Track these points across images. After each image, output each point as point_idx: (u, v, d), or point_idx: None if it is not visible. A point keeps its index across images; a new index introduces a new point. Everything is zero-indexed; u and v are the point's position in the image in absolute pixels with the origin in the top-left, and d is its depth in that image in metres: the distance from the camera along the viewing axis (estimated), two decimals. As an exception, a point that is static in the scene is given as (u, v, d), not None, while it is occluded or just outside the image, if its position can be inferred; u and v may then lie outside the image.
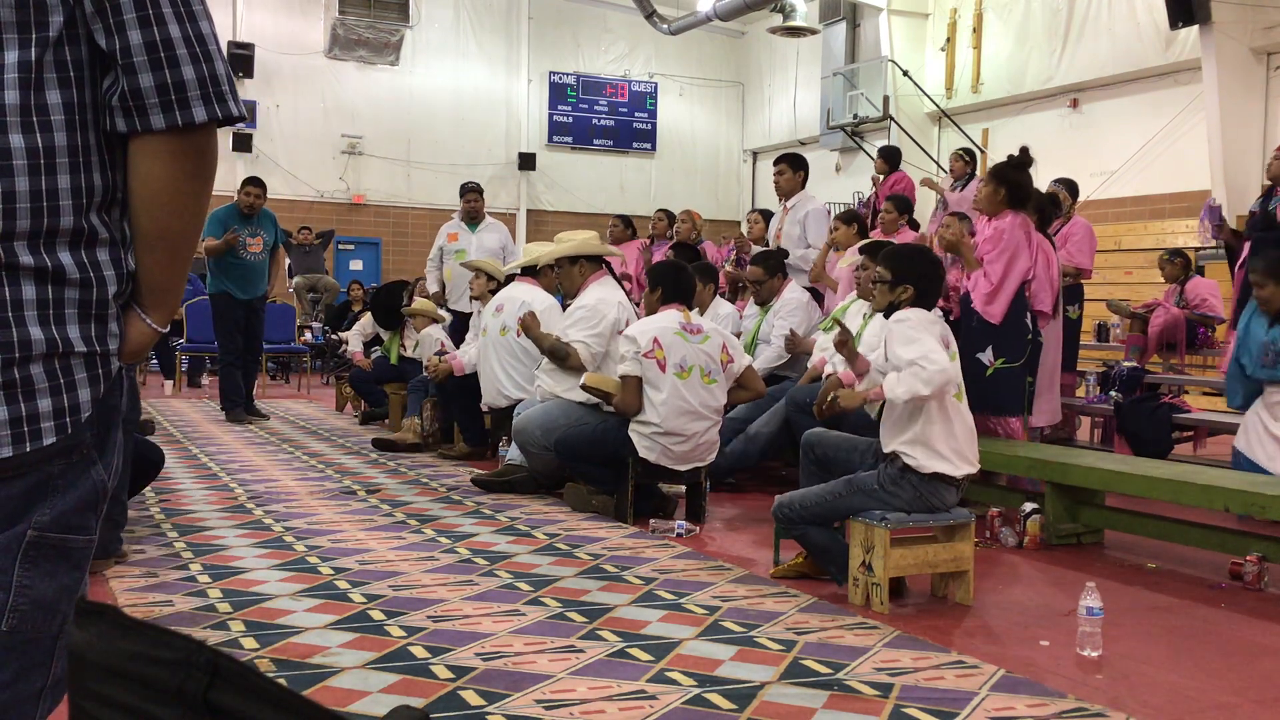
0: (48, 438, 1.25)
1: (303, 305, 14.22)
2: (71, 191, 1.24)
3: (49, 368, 1.25)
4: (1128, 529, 4.96)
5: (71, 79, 1.24)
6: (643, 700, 2.82)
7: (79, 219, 1.25)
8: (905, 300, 3.92)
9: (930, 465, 3.77)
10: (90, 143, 1.26)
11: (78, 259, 1.26)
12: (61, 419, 1.26)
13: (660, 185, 19.80)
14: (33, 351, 1.23)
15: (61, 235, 1.24)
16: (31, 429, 1.24)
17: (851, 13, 17.16)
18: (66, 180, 1.24)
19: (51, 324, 1.24)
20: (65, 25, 1.22)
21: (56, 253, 1.24)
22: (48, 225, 1.23)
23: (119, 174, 1.30)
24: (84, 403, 1.28)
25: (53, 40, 1.22)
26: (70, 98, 1.24)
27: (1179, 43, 12.46)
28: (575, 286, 6.02)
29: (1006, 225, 5.59)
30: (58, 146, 1.23)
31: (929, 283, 3.94)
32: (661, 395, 5.08)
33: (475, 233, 8.93)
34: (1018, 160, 5.75)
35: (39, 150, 1.22)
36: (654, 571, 4.20)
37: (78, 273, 1.25)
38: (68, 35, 1.23)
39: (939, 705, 2.84)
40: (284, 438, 7.94)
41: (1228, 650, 3.47)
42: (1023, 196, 5.65)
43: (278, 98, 17.34)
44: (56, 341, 1.24)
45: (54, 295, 1.24)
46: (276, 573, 4.06)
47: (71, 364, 1.27)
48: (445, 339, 8.44)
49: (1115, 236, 12.56)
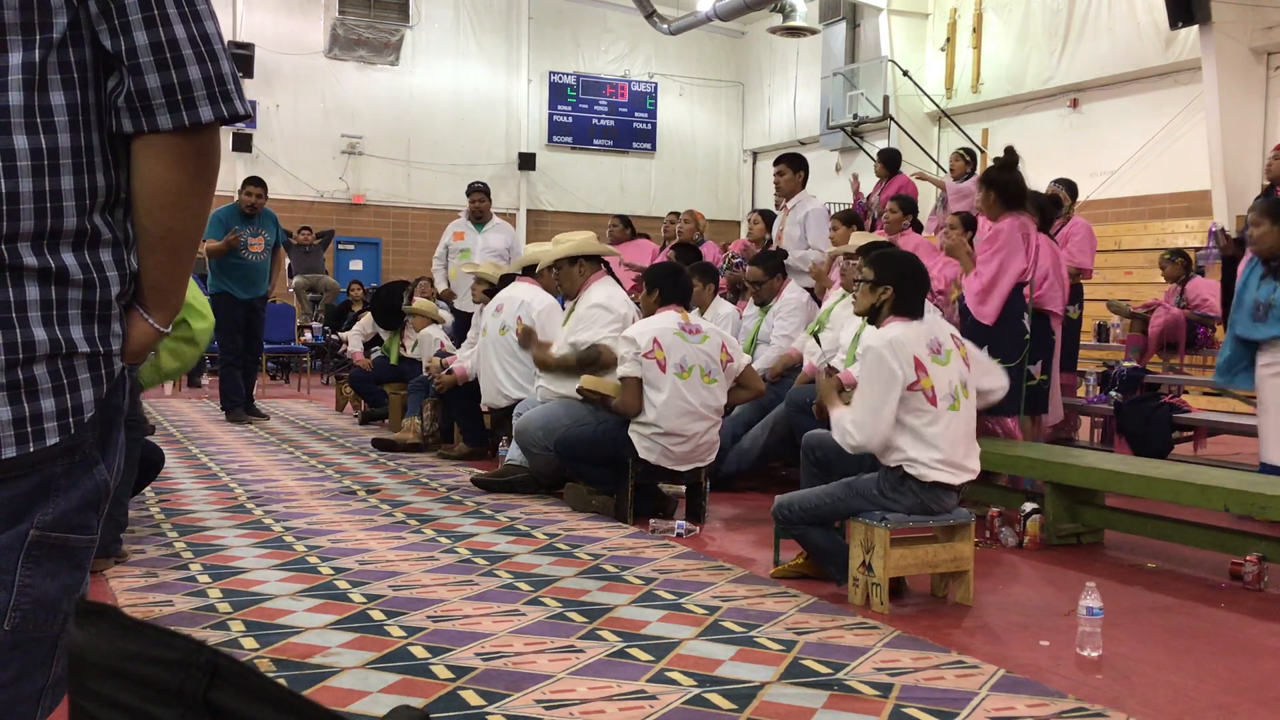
0: (51, 438, 1.25)
1: (303, 305, 14.23)
2: (75, 193, 1.25)
3: (52, 368, 1.25)
4: (1128, 529, 4.96)
5: (75, 80, 1.24)
6: (643, 700, 2.82)
7: (82, 220, 1.26)
8: (885, 301, 3.90)
9: (930, 475, 3.77)
10: (93, 144, 1.26)
11: (81, 260, 1.26)
12: (65, 419, 1.26)
13: (660, 185, 19.80)
14: (36, 352, 1.23)
15: (65, 236, 1.24)
16: (35, 429, 1.24)
17: (851, 13, 17.16)
18: (70, 181, 1.24)
19: (55, 325, 1.24)
20: (69, 27, 1.22)
21: (60, 253, 1.24)
22: (51, 226, 1.23)
23: (122, 174, 1.31)
24: (87, 403, 1.28)
25: (56, 42, 1.22)
26: (74, 99, 1.24)
27: (1179, 43, 12.46)
28: (576, 287, 6.01)
29: (1004, 226, 5.60)
30: (61, 148, 1.23)
31: (908, 285, 3.89)
32: (662, 396, 5.08)
33: (481, 232, 8.92)
34: (1004, 161, 5.76)
35: (43, 151, 1.22)
36: (654, 571, 4.20)
37: (81, 273, 1.26)
38: (71, 37, 1.23)
39: (939, 705, 2.83)
40: (284, 438, 7.94)
41: (1228, 650, 3.47)
42: (1016, 194, 5.64)
43: (278, 98, 17.33)
44: (60, 342, 1.24)
45: (57, 296, 1.24)
46: (276, 573, 4.06)
47: (75, 364, 1.27)
48: (445, 339, 8.45)
49: (1115, 236, 12.56)
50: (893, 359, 3.71)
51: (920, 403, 3.73)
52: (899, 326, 3.83)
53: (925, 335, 3.83)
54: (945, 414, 3.76)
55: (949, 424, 3.76)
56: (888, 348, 3.73)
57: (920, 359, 3.75)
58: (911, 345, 3.76)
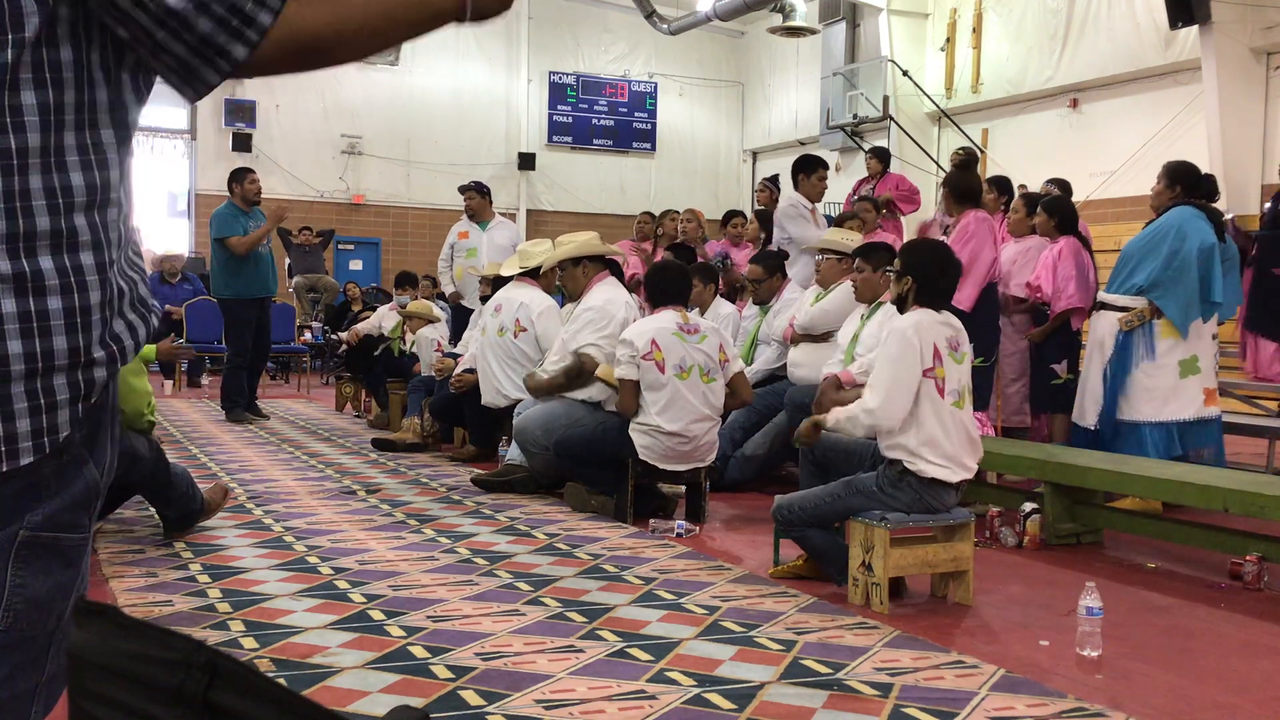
0: (25, 458, 1.24)
1: (303, 305, 14.24)
2: (45, 191, 1.22)
3: (29, 387, 1.23)
4: (1127, 529, 4.96)
5: (48, 80, 1.22)
6: (643, 700, 2.82)
7: (57, 220, 1.23)
8: (908, 292, 3.96)
9: (928, 471, 3.78)
10: (67, 143, 1.24)
11: (59, 264, 1.23)
12: (39, 439, 1.24)
13: (660, 185, 19.79)
14: (10, 367, 1.21)
15: (40, 238, 1.22)
16: (9, 449, 1.23)
17: (851, 13, 17.16)
18: (39, 180, 1.22)
19: (35, 337, 1.22)
20: (44, 26, 1.21)
21: (36, 258, 1.22)
22: (24, 227, 1.21)
23: (112, 174, 1.29)
24: (63, 423, 1.26)
25: (29, 41, 1.20)
26: (46, 99, 1.22)
27: (1179, 43, 12.45)
28: (579, 288, 6.00)
29: (969, 220, 5.90)
30: (31, 147, 1.21)
31: (928, 275, 3.95)
32: (662, 397, 5.08)
33: (486, 230, 8.89)
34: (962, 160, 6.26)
35: (11, 151, 1.20)
36: (654, 571, 4.20)
37: (58, 278, 1.23)
38: (46, 37, 1.21)
39: (939, 705, 2.84)
40: (284, 438, 7.94)
41: (1228, 650, 3.47)
42: (968, 191, 6.10)
43: (278, 98, 17.33)
44: (36, 355, 1.22)
45: (35, 306, 1.21)
46: (276, 573, 4.06)
47: (54, 382, 1.24)
48: (442, 339, 8.46)
49: (1115, 236, 12.54)
50: (916, 338, 3.79)
51: (930, 390, 3.77)
52: (922, 314, 3.89)
53: (947, 330, 3.90)
54: (949, 409, 3.80)
55: (952, 419, 3.81)
56: (912, 329, 3.81)
57: (939, 348, 3.82)
58: (932, 333, 3.83)
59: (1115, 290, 5.60)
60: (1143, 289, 5.46)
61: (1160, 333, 5.44)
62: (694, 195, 18.82)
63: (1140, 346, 5.46)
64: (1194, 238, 5.40)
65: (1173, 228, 5.47)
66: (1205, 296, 5.43)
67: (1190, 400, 5.44)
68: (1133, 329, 5.47)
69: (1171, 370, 5.44)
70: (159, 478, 4.44)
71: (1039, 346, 6.14)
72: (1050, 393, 6.08)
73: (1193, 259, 5.37)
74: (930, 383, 3.78)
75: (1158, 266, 5.42)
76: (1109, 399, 5.53)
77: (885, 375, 3.80)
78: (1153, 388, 5.44)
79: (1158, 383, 5.43)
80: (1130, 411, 5.48)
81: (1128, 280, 5.54)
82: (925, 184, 11.06)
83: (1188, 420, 5.43)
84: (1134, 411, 5.47)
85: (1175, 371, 5.43)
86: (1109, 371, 5.53)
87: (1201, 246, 5.39)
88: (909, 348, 3.78)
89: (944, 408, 3.79)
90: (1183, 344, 5.43)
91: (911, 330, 3.81)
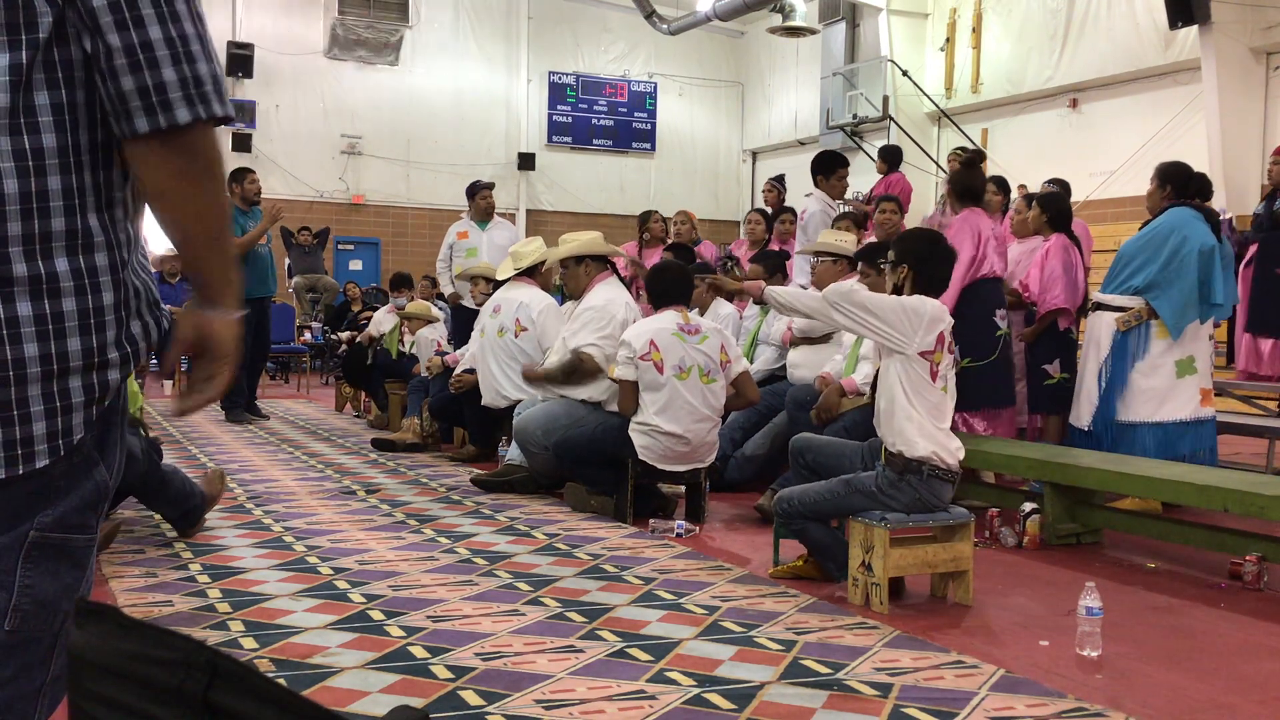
0: (40, 460, 1.24)
1: (302, 305, 14.24)
2: (63, 192, 1.23)
3: (46, 389, 1.23)
4: (1127, 529, 4.96)
5: (61, 80, 1.22)
6: (642, 700, 2.82)
7: (72, 220, 1.23)
8: (904, 281, 3.99)
9: (917, 447, 3.77)
10: (81, 142, 1.24)
11: (74, 265, 1.24)
12: (55, 441, 1.25)
13: (660, 185, 19.80)
14: (28, 370, 1.21)
15: (55, 239, 1.22)
16: (25, 452, 1.23)
17: (851, 13, 17.16)
18: (57, 181, 1.22)
19: (50, 339, 1.22)
20: (55, 26, 1.21)
21: (52, 259, 1.22)
22: (40, 228, 1.21)
23: (117, 173, 1.29)
24: (77, 425, 1.26)
25: (43, 42, 1.21)
26: (60, 98, 1.22)
27: (1178, 43, 12.46)
28: (581, 287, 5.98)
29: (954, 221, 5.89)
30: (47, 148, 1.22)
31: (923, 263, 3.97)
32: (661, 397, 5.08)
33: (485, 230, 8.90)
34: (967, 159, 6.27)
35: (27, 152, 1.20)
36: (654, 571, 4.20)
37: (73, 280, 1.24)
38: (58, 36, 1.22)
39: (939, 705, 2.84)
40: (284, 438, 7.94)
41: (1228, 650, 3.47)
42: (969, 191, 6.04)
43: (277, 98, 17.33)
44: (52, 357, 1.22)
45: (51, 309, 1.22)
46: (276, 573, 4.06)
47: (69, 385, 1.25)
48: (441, 339, 8.45)
49: (1114, 236, 12.54)
50: (928, 315, 3.80)
51: (924, 371, 3.80)
52: (926, 300, 3.90)
53: (936, 323, 3.89)
54: (939, 392, 3.85)
55: (941, 403, 3.85)
56: (936, 308, 3.84)
57: (945, 336, 3.86)
58: (943, 323, 3.86)
59: (1112, 290, 5.59)
60: (1139, 290, 5.46)
61: (1157, 333, 5.44)
62: (694, 195, 18.84)
63: (1137, 347, 5.46)
64: (1194, 240, 5.40)
65: (1172, 229, 5.47)
66: (1206, 298, 5.42)
67: (1187, 401, 5.43)
68: (1129, 329, 5.46)
69: (1168, 370, 5.43)
70: (153, 478, 4.44)
71: (1031, 347, 6.13)
72: (1045, 393, 6.06)
73: (1193, 261, 5.37)
74: (926, 365, 3.80)
75: (1155, 268, 5.41)
76: (1105, 399, 5.52)
77: (880, 300, 3.84)
78: (1149, 388, 5.43)
79: (1154, 383, 5.43)
80: (1127, 412, 5.47)
81: (1125, 281, 5.53)
82: (925, 184, 11.04)
83: (1184, 420, 5.43)
84: (1130, 412, 5.46)
85: (1172, 372, 5.43)
86: (1105, 372, 5.53)
87: (1202, 249, 5.39)
88: (921, 312, 3.79)
89: (935, 389, 3.83)
90: (1180, 344, 5.43)
91: (933, 306, 3.83)
